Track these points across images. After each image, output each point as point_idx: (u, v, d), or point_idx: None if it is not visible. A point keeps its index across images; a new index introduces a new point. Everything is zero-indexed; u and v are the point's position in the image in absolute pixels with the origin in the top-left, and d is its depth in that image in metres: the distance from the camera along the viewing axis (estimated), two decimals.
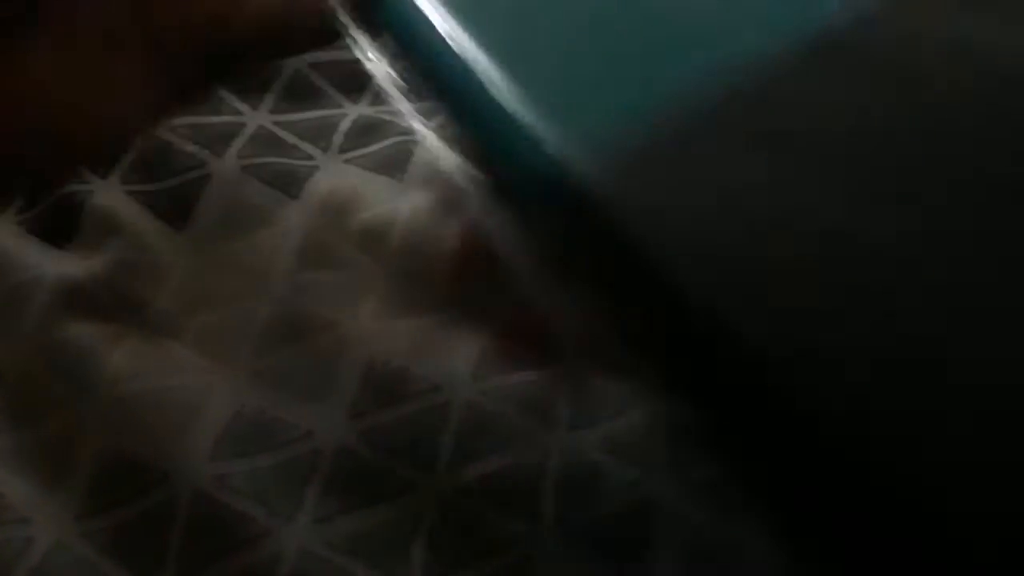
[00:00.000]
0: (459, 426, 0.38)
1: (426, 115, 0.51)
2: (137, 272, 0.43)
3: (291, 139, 0.49)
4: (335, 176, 0.47)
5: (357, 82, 0.52)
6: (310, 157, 0.48)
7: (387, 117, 0.50)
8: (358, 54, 0.54)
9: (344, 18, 0.54)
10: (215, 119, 0.49)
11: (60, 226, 0.44)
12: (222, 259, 0.44)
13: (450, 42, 0.35)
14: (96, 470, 0.37)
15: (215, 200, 0.46)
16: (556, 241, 0.37)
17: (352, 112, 0.51)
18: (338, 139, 0.49)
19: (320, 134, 0.50)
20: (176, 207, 0.46)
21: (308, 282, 0.43)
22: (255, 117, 0.49)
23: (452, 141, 0.49)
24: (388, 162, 0.48)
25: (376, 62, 0.53)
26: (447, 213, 0.46)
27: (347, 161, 0.48)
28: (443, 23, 0.35)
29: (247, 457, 0.37)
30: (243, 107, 0.49)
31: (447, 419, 0.38)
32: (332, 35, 0.50)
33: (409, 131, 0.50)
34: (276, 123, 0.49)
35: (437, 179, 0.47)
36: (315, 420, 0.38)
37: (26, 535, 0.35)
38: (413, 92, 0.52)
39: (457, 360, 0.40)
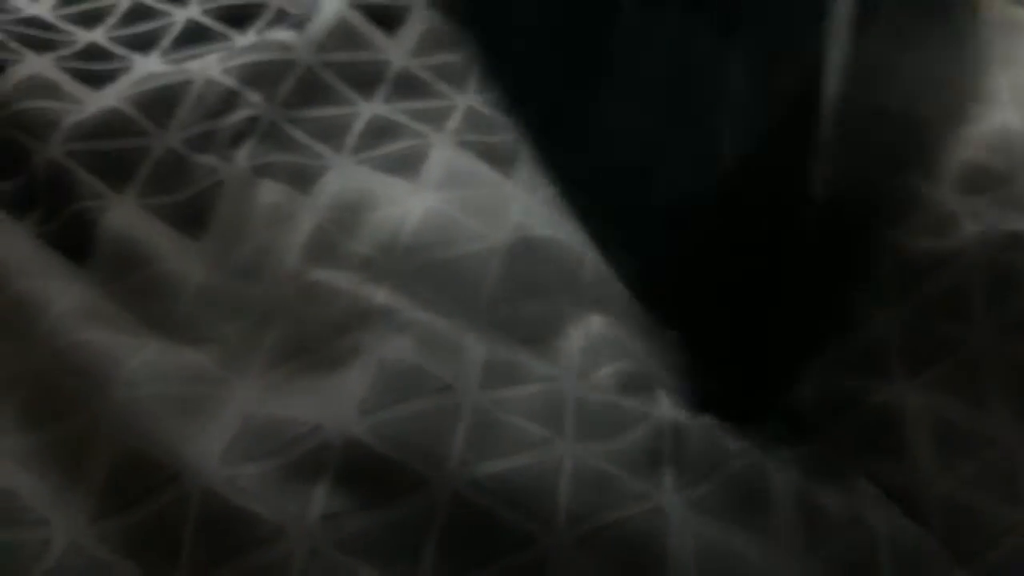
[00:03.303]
0: (471, 428, 0.38)
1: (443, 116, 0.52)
2: (155, 291, 0.44)
3: (303, 138, 0.49)
4: (347, 175, 0.48)
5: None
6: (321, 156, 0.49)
7: (402, 119, 0.51)
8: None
9: None
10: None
11: (76, 242, 0.45)
12: (236, 266, 0.44)
13: None
14: (111, 471, 0.37)
15: (228, 206, 0.46)
16: None
17: (366, 111, 0.51)
18: (351, 139, 0.50)
19: (333, 133, 0.50)
20: (192, 218, 0.46)
21: (318, 286, 0.43)
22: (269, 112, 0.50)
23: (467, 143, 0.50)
24: (401, 164, 0.49)
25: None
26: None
27: (360, 162, 0.49)
28: None
29: (257, 460, 0.37)
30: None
31: (459, 419, 0.38)
32: None
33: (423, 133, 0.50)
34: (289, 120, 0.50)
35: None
36: (324, 415, 0.38)
37: (43, 537, 0.35)
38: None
39: (468, 363, 0.40)
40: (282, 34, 0.54)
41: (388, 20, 0.56)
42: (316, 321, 0.42)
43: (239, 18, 0.57)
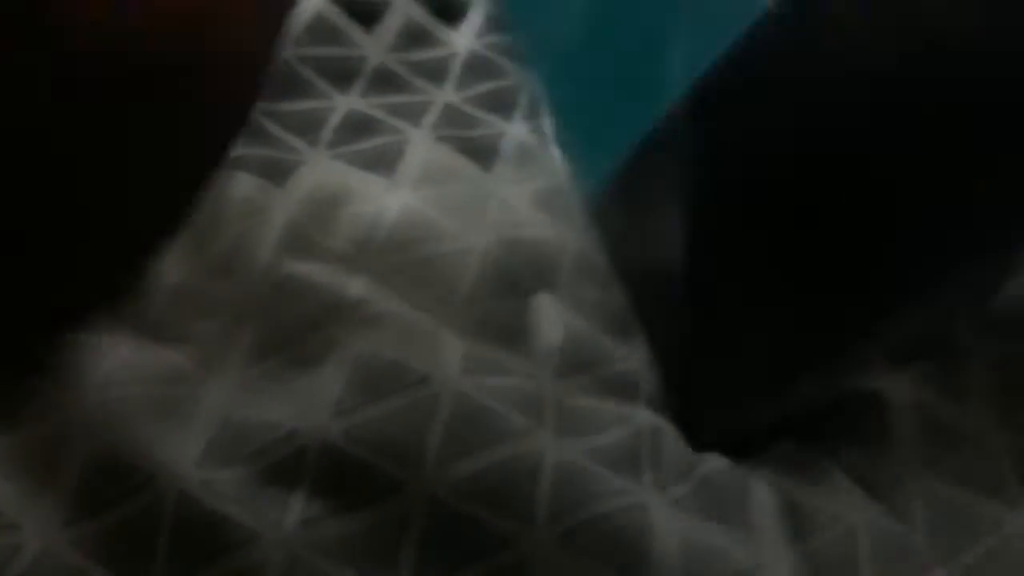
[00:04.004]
0: (449, 419, 0.37)
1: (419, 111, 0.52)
2: (129, 291, 0.43)
3: (277, 131, 0.49)
4: (322, 170, 0.47)
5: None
6: (297, 150, 0.48)
7: (379, 114, 0.50)
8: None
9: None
10: None
11: None
12: (210, 262, 0.44)
13: None
14: (85, 473, 0.36)
15: (202, 200, 0.46)
16: None
17: (342, 106, 0.51)
18: (327, 134, 0.49)
19: (308, 127, 0.50)
20: None
21: (291, 280, 0.42)
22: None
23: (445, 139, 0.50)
24: (378, 159, 0.48)
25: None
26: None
27: (335, 157, 0.48)
28: None
29: (233, 466, 0.36)
30: None
31: (436, 412, 0.37)
32: None
33: (400, 129, 0.49)
34: (265, 113, 0.49)
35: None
36: (300, 418, 0.37)
37: (14, 542, 0.35)
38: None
39: (446, 354, 0.40)
40: None
41: (366, 15, 0.55)
42: (290, 316, 0.41)
43: None
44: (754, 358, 0.41)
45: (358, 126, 0.50)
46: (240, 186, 0.46)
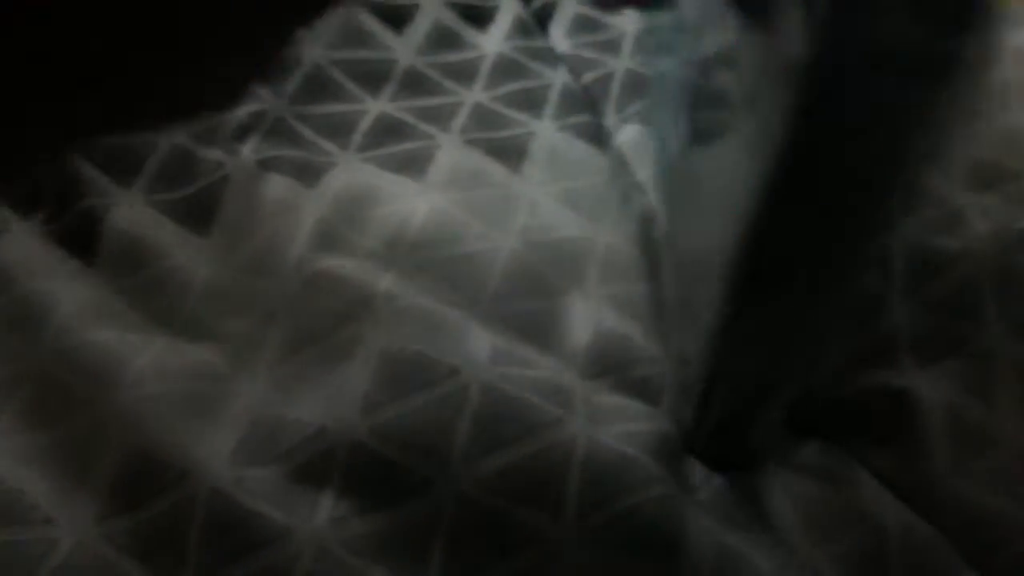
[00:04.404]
0: (478, 412, 0.37)
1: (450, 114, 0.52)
2: (163, 290, 0.43)
3: (309, 134, 0.49)
4: (353, 172, 0.48)
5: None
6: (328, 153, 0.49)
7: (409, 118, 0.51)
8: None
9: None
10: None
11: (82, 241, 0.45)
12: (242, 261, 0.44)
13: None
14: (118, 470, 0.37)
15: (234, 201, 0.46)
16: None
17: (373, 109, 0.51)
18: (357, 137, 0.50)
19: (340, 130, 0.50)
20: (199, 214, 0.46)
21: (321, 276, 0.43)
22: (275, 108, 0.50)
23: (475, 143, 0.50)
24: (408, 163, 0.48)
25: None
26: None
27: (366, 160, 0.48)
28: None
29: (264, 464, 0.37)
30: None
31: (465, 405, 0.37)
32: None
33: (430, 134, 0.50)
34: (296, 116, 0.50)
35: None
36: (328, 416, 0.38)
37: (50, 536, 0.35)
38: None
39: (475, 345, 0.40)
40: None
41: (396, 18, 0.56)
42: (319, 312, 0.42)
43: None
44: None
45: (388, 130, 0.50)
46: (272, 187, 0.47)
